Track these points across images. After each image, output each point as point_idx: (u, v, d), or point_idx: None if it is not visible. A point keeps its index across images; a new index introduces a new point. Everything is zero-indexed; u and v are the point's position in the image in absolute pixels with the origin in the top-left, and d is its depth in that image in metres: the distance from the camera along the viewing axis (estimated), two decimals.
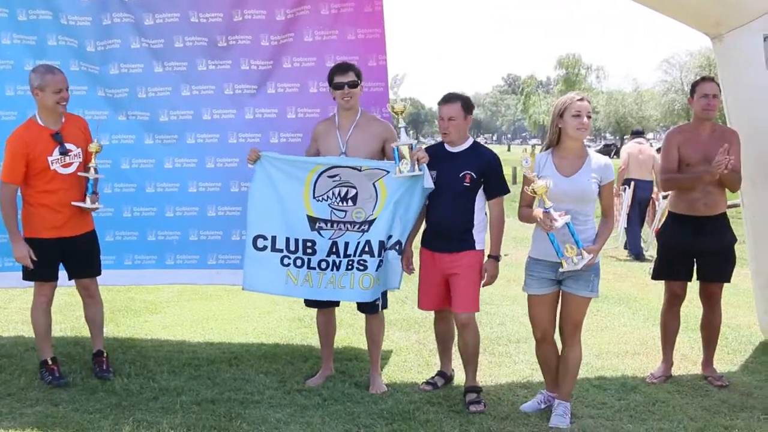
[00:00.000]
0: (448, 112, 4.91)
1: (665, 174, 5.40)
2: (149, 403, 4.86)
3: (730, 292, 6.15)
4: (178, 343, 6.33)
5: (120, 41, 5.99)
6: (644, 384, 5.32)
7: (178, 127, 6.08)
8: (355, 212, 5.12)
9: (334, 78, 5.10)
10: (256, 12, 5.91)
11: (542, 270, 4.57)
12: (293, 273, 5.22)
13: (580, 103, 4.41)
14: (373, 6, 5.79)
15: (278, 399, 4.96)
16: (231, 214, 6.06)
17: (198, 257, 6.15)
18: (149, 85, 6.04)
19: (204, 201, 6.09)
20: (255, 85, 6.01)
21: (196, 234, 6.13)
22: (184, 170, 6.10)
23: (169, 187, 6.09)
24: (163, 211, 6.11)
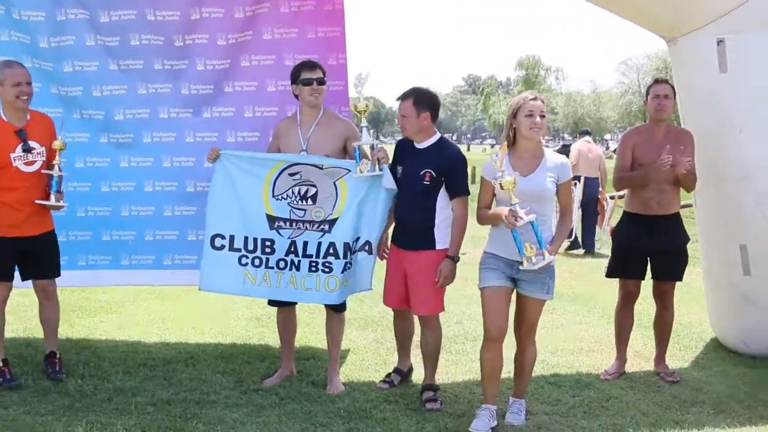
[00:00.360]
0: (401, 109, 4.92)
1: (618, 173, 5.51)
2: (103, 405, 4.79)
3: (683, 290, 6.25)
4: (134, 344, 6.25)
5: (74, 38, 5.88)
6: (598, 381, 5.41)
7: (134, 126, 5.98)
8: (314, 211, 5.11)
9: (302, 74, 5.07)
10: (215, 10, 5.84)
11: (498, 263, 4.51)
12: (251, 272, 5.19)
13: (533, 103, 4.39)
14: (333, 4, 5.77)
15: (235, 399, 4.93)
16: (187, 213, 5.99)
17: (154, 257, 6.07)
18: (104, 84, 5.93)
19: (160, 200, 6.01)
20: (212, 84, 5.95)
21: (152, 234, 6.05)
22: (140, 169, 6.01)
23: (124, 186, 5.99)
24: (119, 210, 6.01)
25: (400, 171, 4.91)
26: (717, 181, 5.68)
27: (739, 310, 5.86)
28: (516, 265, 4.41)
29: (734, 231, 5.68)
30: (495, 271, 4.50)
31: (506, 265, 4.48)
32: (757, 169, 5.46)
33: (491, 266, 4.52)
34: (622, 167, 5.48)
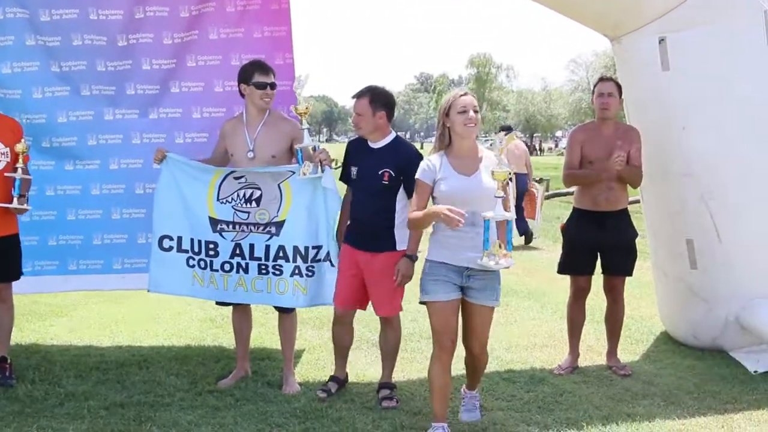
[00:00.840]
0: (356, 108, 4.88)
1: (567, 170, 5.59)
2: (54, 410, 4.71)
3: (633, 284, 6.38)
4: (86, 347, 6.17)
5: (14, 38, 5.71)
6: (552, 376, 5.48)
7: (79, 128, 5.84)
8: (258, 214, 5.11)
9: (255, 76, 5.03)
10: (159, 9, 5.75)
11: (447, 273, 4.18)
12: (199, 274, 5.21)
13: (464, 98, 4.18)
14: (279, 3, 5.73)
15: (189, 401, 4.89)
16: (136, 216, 5.88)
17: (102, 262, 5.95)
18: (45, 85, 5.78)
19: (108, 203, 5.89)
20: (158, 84, 5.86)
21: (100, 238, 5.92)
22: (86, 172, 5.88)
23: (70, 189, 5.87)
24: (65, 214, 5.88)
25: (355, 172, 4.89)
26: (662, 177, 5.81)
27: (687, 304, 5.99)
28: (465, 272, 4.15)
29: (680, 226, 5.81)
30: (444, 283, 4.18)
31: (455, 273, 4.18)
32: (701, 165, 5.59)
33: (439, 277, 4.19)
34: (571, 164, 5.58)
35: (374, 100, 4.83)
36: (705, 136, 5.55)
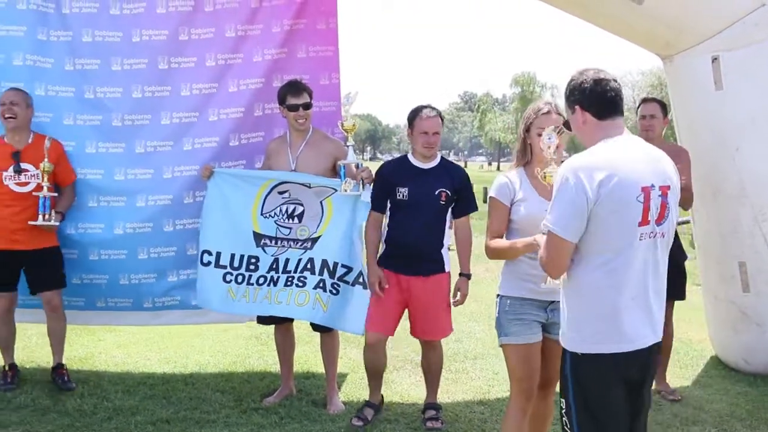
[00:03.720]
0: (433, 126, 4.74)
1: None
2: (103, 424, 4.77)
3: (683, 307, 6.23)
4: (133, 362, 6.24)
5: (53, 61, 5.61)
6: None
7: (107, 161, 5.60)
8: (299, 230, 5.14)
9: (287, 99, 5.04)
10: (204, 31, 5.62)
11: (531, 310, 3.70)
12: (233, 289, 5.22)
13: (545, 118, 3.70)
14: (327, 23, 5.65)
15: (235, 418, 4.91)
16: (166, 254, 5.63)
17: (131, 301, 5.70)
18: (77, 112, 5.61)
19: (134, 242, 5.59)
20: (195, 112, 5.64)
21: (126, 278, 5.61)
22: (111, 209, 5.60)
23: (91, 228, 5.59)
24: (87, 254, 5.59)
25: (405, 193, 4.73)
26: (714, 198, 5.70)
27: (739, 328, 5.85)
28: (549, 306, 3.68)
29: (732, 248, 5.68)
30: (530, 323, 3.70)
31: (539, 309, 3.71)
32: (755, 186, 5.48)
33: (523, 316, 3.70)
34: None
35: (442, 120, 4.89)
36: (759, 156, 5.44)
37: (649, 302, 2.87)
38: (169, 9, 5.64)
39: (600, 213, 2.73)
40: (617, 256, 2.78)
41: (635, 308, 2.83)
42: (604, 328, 2.82)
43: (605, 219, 2.73)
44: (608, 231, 2.76)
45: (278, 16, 5.62)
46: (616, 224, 2.75)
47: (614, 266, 2.79)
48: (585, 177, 2.71)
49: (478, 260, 4.89)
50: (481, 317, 7.72)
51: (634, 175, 2.76)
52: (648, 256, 2.84)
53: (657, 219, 2.82)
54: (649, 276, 2.86)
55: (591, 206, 2.72)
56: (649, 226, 2.80)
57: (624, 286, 2.80)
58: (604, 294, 2.81)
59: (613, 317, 2.81)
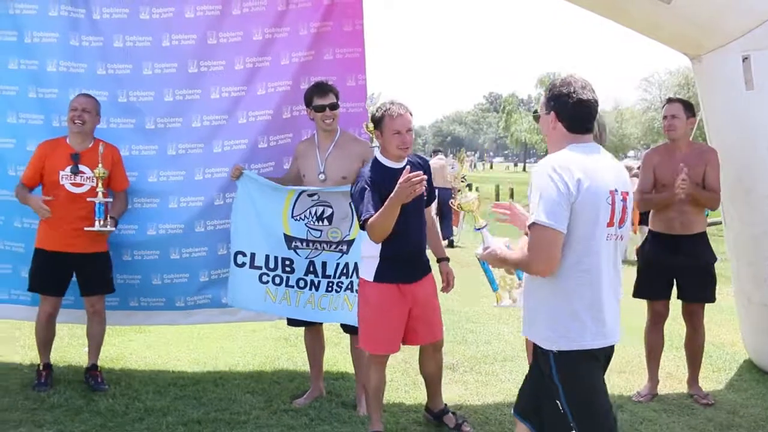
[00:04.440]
0: (406, 124, 4.43)
1: (640, 195, 5.48)
2: (135, 424, 4.82)
3: (714, 310, 6.20)
4: (164, 363, 6.30)
5: (86, 66, 5.71)
6: (631, 402, 5.35)
7: (140, 164, 5.72)
8: (330, 232, 5.15)
9: (314, 100, 5.06)
10: (232, 34, 5.70)
11: None
12: (272, 290, 5.26)
13: None
14: (353, 25, 5.68)
15: (265, 419, 4.93)
16: (197, 255, 5.74)
17: (164, 300, 5.84)
18: (111, 116, 5.70)
19: (166, 243, 5.72)
20: (225, 114, 5.73)
21: (159, 278, 5.76)
22: (144, 211, 5.74)
23: (125, 229, 5.69)
24: (121, 254, 5.71)
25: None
26: (746, 199, 5.63)
27: None
28: None
29: (765, 250, 5.60)
30: None
31: None
32: None
33: None
34: (644, 188, 5.50)
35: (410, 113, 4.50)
36: None
37: (614, 300, 3.10)
38: (198, 13, 5.71)
39: (577, 210, 2.93)
40: (590, 255, 2.98)
41: (609, 305, 3.05)
42: (586, 325, 3.00)
43: (580, 216, 2.93)
44: (583, 229, 2.95)
45: (305, 19, 5.67)
46: (589, 223, 2.95)
47: (588, 265, 2.99)
48: (565, 174, 2.91)
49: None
50: (510, 319, 7.69)
51: (603, 179, 3.00)
52: (610, 257, 3.07)
53: (619, 222, 3.07)
54: (612, 275, 3.08)
55: (572, 201, 2.91)
56: (614, 228, 3.05)
57: (598, 283, 3.01)
58: (583, 291, 3.00)
59: (594, 313, 3.00)
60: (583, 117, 3.12)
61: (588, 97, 3.12)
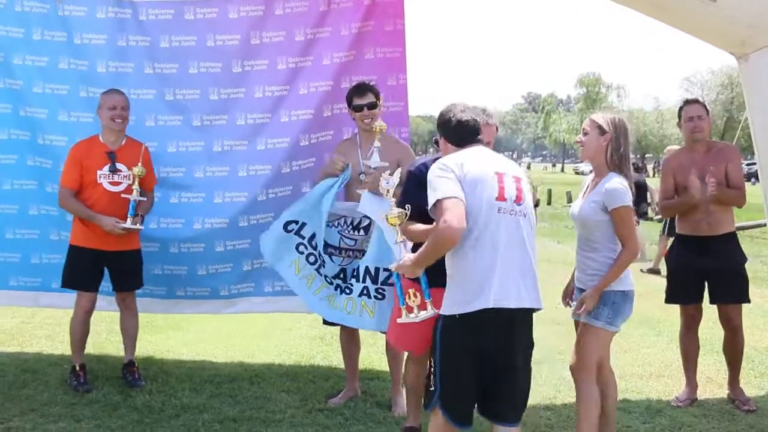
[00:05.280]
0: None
1: (662, 201, 5.41)
2: (171, 421, 4.86)
3: (756, 313, 6.08)
4: (200, 360, 6.34)
5: (133, 65, 5.86)
6: (669, 407, 5.26)
7: (187, 159, 5.90)
8: (364, 242, 5.12)
9: (353, 100, 5.08)
10: (275, 34, 5.78)
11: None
12: (300, 264, 5.20)
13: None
14: (394, 25, 5.70)
15: (300, 418, 4.93)
16: (240, 247, 5.90)
17: (209, 289, 6.03)
18: (158, 113, 5.89)
19: (210, 237, 5.90)
20: (268, 113, 5.84)
21: (205, 269, 5.97)
22: (191, 205, 5.92)
23: (172, 223, 5.91)
24: (168, 247, 5.93)
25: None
26: None
27: None
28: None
29: None
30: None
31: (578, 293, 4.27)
32: None
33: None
34: (665, 194, 5.42)
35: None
36: None
37: (515, 272, 3.38)
38: (241, 14, 5.80)
39: (466, 189, 3.34)
40: (484, 228, 3.34)
41: (502, 275, 3.33)
42: (472, 290, 3.34)
43: (470, 193, 3.34)
44: (473, 204, 3.33)
45: (346, 19, 5.71)
46: (478, 198, 3.34)
47: (484, 238, 3.34)
48: (450, 164, 3.41)
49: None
50: (544, 322, 7.60)
51: (485, 163, 3.48)
52: (512, 233, 3.39)
53: (515, 199, 3.43)
54: (515, 250, 3.39)
55: (461, 180, 3.35)
56: (507, 203, 3.40)
57: (490, 254, 3.34)
58: (476, 261, 3.35)
59: (481, 281, 3.33)
60: (464, 134, 3.64)
61: (466, 118, 3.64)
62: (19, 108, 5.95)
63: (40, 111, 5.93)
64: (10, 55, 5.88)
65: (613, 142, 4.08)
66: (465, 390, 3.45)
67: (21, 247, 6.13)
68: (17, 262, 6.14)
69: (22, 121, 5.97)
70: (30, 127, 5.96)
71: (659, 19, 5.72)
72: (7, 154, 6.02)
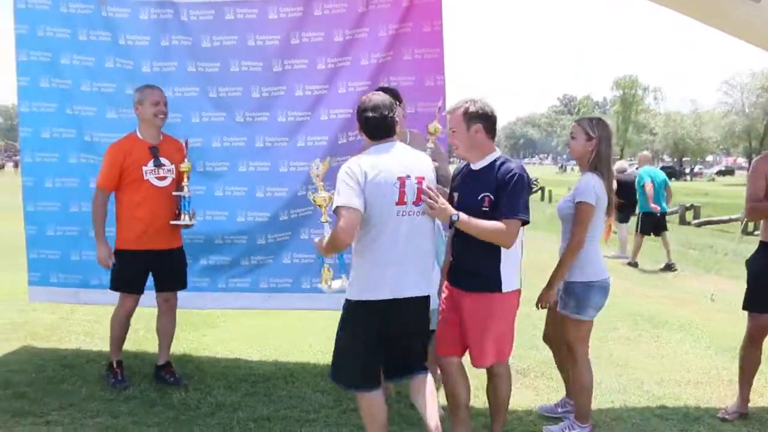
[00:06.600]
0: (450, 123, 4.24)
1: (750, 203, 5.12)
2: (206, 419, 4.89)
3: None
4: (235, 359, 6.37)
5: (176, 64, 6.02)
6: (708, 415, 5.14)
7: (231, 154, 6.07)
8: None
9: None
10: (314, 34, 5.87)
11: None
12: None
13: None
14: (432, 26, 5.71)
15: (334, 418, 4.94)
16: (281, 239, 6.05)
17: (249, 281, 6.17)
18: (203, 110, 6.03)
19: (254, 229, 6.08)
20: (308, 111, 5.95)
21: (247, 259, 6.16)
22: (234, 198, 6.08)
23: (217, 215, 6.06)
24: (212, 238, 6.10)
25: (456, 198, 4.21)
26: None
27: None
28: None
29: None
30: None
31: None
32: None
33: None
34: (754, 196, 5.06)
35: (467, 114, 4.11)
36: None
37: (410, 265, 3.85)
38: (281, 15, 5.90)
39: (369, 194, 3.72)
40: (383, 229, 3.79)
41: (397, 268, 3.81)
42: (371, 282, 3.83)
43: (372, 199, 3.73)
44: (374, 208, 3.75)
45: (384, 20, 5.74)
46: (379, 203, 3.75)
47: (382, 238, 3.79)
48: (356, 170, 3.74)
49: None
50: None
51: (389, 170, 3.79)
52: (410, 231, 3.84)
53: (414, 201, 3.84)
54: (412, 246, 3.85)
55: (363, 188, 3.71)
56: (407, 206, 3.82)
57: (387, 251, 3.80)
58: (374, 257, 3.81)
59: (378, 274, 3.81)
60: (373, 129, 3.95)
61: (373, 114, 3.92)
62: (66, 106, 6.11)
63: (88, 109, 6.11)
64: (57, 55, 6.07)
65: (596, 147, 4.53)
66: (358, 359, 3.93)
67: (62, 244, 6.26)
68: (58, 259, 6.27)
69: (68, 119, 6.12)
70: (76, 125, 6.12)
71: (701, 21, 5.63)
72: (50, 152, 6.17)
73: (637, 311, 8.52)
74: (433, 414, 3.97)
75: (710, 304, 8.27)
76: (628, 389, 5.70)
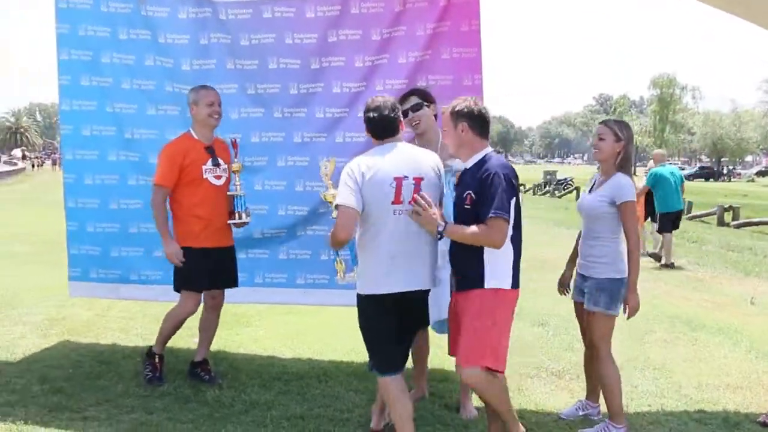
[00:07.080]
0: (442, 123, 4.29)
1: None
2: (240, 416, 4.92)
3: None
4: (269, 357, 6.40)
5: (215, 62, 6.10)
6: (748, 421, 5.05)
7: (270, 149, 6.15)
8: None
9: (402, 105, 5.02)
10: (352, 32, 5.90)
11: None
12: None
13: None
14: (470, 25, 5.70)
15: (368, 418, 4.90)
16: (320, 232, 6.06)
17: (286, 276, 6.23)
18: (242, 106, 6.11)
19: (293, 222, 6.15)
20: (346, 107, 6.00)
21: (285, 252, 6.21)
22: (273, 192, 6.16)
23: (258, 209, 6.03)
24: (252, 232, 6.13)
25: (453, 197, 4.25)
26: None
27: None
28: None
29: None
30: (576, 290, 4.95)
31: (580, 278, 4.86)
32: None
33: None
34: None
35: (454, 111, 4.13)
36: None
37: (409, 261, 4.05)
38: (318, 13, 5.95)
39: (366, 194, 3.95)
40: (382, 227, 4.01)
41: (395, 264, 4.01)
42: (373, 276, 4.06)
43: (369, 197, 3.95)
44: (372, 207, 3.98)
45: (422, 19, 5.76)
46: (376, 202, 3.98)
47: (381, 235, 4.01)
48: (356, 170, 3.97)
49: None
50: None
51: (386, 171, 3.99)
52: (407, 229, 4.02)
53: (411, 200, 4.00)
54: (410, 242, 4.04)
55: (360, 188, 3.94)
56: (402, 205, 4.00)
57: (386, 248, 4.01)
58: (375, 253, 4.03)
59: (379, 269, 4.03)
60: (375, 129, 4.16)
61: (374, 115, 4.13)
62: (106, 104, 6.21)
63: (129, 106, 6.21)
64: (98, 53, 6.18)
65: (624, 148, 4.68)
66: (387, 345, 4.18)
67: (102, 241, 6.33)
68: (98, 254, 6.35)
69: (108, 116, 6.22)
70: (116, 123, 6.22)
71: (748, 19, 5.54)
72: (90, 150, 6.27)
73: (675, 314, 8.39)
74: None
75: (750, 308, 8.12)
76: (665, 393, 5.61)
